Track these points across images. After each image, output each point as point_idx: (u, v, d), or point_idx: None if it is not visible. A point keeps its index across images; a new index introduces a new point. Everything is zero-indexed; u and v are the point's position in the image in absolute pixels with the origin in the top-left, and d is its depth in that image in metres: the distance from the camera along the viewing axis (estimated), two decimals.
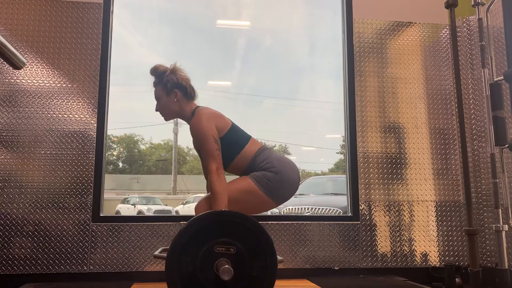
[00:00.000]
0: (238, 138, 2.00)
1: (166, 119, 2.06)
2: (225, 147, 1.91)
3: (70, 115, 2.46)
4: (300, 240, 2.54)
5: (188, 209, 12.72)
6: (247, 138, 2.02)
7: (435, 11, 2.80)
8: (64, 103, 2.47)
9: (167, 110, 2.02)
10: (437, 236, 2.67)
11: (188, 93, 2.01)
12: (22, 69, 2.27)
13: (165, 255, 1.47)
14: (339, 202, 5.41)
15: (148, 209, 13.07)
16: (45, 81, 2.47)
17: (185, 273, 1.42)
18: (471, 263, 2.19)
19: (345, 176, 2.78)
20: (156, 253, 1.80)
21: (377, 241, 2.61)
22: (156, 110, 2.03)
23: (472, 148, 2.76)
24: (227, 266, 1.38)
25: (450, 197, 2.72)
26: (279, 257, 1.53)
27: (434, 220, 2.69)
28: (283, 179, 1.92)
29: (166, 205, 14.71)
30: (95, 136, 2.46)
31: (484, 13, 2.39)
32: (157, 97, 2.02)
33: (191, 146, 2.35)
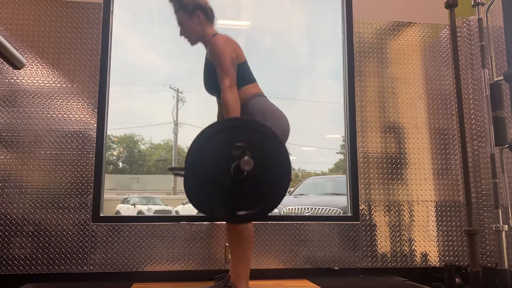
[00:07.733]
0: (248, 73, 2.03)
1: (192, 43, 2.07)
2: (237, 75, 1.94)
3: (70, 115, 2.46)
4: (300, 240, 2.54)
5: (188, 209, 12.70)
6: (254, 79, 2.04)
7: (435, 11, 2.81)
8: (64, 103, 2.47)
9: (191, 33, 2.04)
10: (437, 236, 2.67)
11: (209, 14, 2.04)
12: (22, 69, 2.27)
13: (182, 166, 1.53)
14: (339, 202, 5.40)
15: (148, 209, 13.05)
16: (45, 81, 2.47)
17: (203, 177, 1.48)
18: (471, 263, 2.19)
19: (345, 176, 2.78)
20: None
21: (377, 241, 2.61)
22: (180, 35, 2.06)
23: (472, 148, 2.76)
24: (247, 157, 1.43)
25: (450, 197, 2.72)
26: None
27: (434, 220, 2.69)
28: None
29: (166, 205, 14.68)
30: (95, 136, 2.46)
31: (484, 13, 2.39)
32: (180, 22, 2.05)
33: None
